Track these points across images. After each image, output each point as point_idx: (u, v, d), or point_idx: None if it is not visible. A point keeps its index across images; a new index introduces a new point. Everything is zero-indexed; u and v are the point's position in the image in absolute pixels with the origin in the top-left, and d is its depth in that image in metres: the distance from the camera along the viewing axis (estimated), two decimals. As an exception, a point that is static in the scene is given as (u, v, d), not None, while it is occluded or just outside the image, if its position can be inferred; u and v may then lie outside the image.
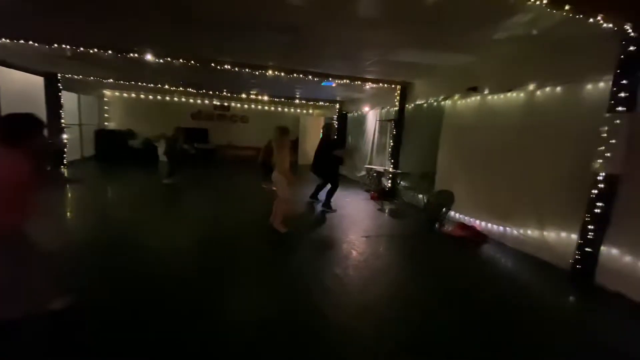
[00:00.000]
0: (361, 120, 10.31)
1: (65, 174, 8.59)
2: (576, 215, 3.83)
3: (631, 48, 3.24)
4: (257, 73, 6.35)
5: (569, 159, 4.01)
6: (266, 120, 13.59)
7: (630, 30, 3.18)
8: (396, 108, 7.68)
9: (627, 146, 3.31)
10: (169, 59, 5.88)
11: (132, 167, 10.49)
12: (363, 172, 9.30)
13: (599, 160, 3.49)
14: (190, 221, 5.27)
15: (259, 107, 14.06)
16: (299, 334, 2.48)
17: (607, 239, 3.54)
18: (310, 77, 6.59)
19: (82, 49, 5.68)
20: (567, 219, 3.99)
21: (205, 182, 9.17)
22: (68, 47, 5.59)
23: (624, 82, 3.30)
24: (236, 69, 6.07)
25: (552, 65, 4.28)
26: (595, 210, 3.54)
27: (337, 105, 11.74)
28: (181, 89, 10.01)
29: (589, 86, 3.82)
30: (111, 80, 9.34)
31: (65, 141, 9.60)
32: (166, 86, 9.89)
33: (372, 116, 9.46)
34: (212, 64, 5.95)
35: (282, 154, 4.50)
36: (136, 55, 5.87)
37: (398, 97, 7.54)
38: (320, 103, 11.88)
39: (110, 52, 5.74)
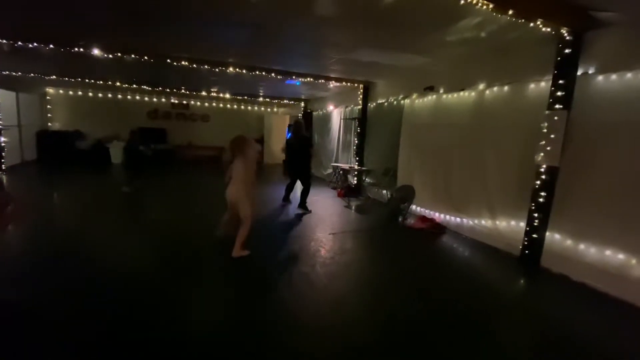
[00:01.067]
0: (326, 118, 10.39)
1: (4, 181, 7.75)
2: (523, 205, 4.16)
3: (567, 50, 3.57)
4: (217, 70, 6.16)
5: (515, 153, 4.33)
6: (229, 119, 13.30)
7: (566, 34, 3.50)
8: (359, 107, 7.84)
9: (564, 140, 3.64)
10: (119, 54, 5.52)
11: (80, 171, 9.69)
12: (329, 170, 9.39)
13: (540, 154, 3.80)
14: (144, 232, 4.96)
15: (221, 105, 13.67)
16: (265, 334, 2.46)
17: (550, 225, 3.88)
18: (273, 74, 6.51)
19: (20, 43, 5.17)
20: (516, 209, 4.32)
21: (162, 186, 8.74)
22: (4, 41, 5.06)
23: (561, 82, 3.63)
24: (194, 65, 5.83)
25: (499, 66, 4.60)
26: (539, 200, 3.86)
27: (302, 104, 11.73)
28: (134, 86, 9.42)
29: (532, 85, 4.16)
30: (54, 77, 8.58)
31: (2, 144, 8.68)
32: (117, 83, 9.25)
33: (336, 115, 9.57)
34: (168, 60, 5.67)
35: (247, 166, 3.77)
36: (81, 50, 5.45)
37: (361, 96, 7.70)
38: (285, 101, 11.80)
39: (51, 46, 5.27)
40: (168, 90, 10.03)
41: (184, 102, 13.12)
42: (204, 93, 10.40)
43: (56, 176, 8.91)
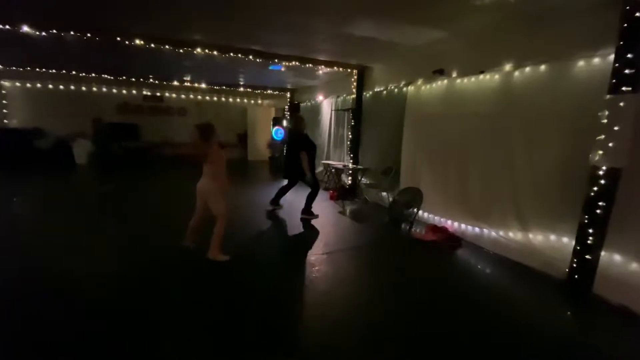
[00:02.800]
0: (315, 110, 9.35)
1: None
2: (567, 216, 3.31)
3: (638, 14, 2.65)
4: (181, 51, 5.05)
5: (556, 149, 3.44)
6: (209, 112, 12.06)
7: (637, -9, 2.59)
8: (353, 96, 6.85)
9: (634, 133, 2.75)
10: (54, 30, 4.36)
11: (37, 174, 8.50)
12: (320, 168, 8.40)
13: (598, 152, 2.91)
14: (107, 244, 3.94)
15: (199, 97, 12.44)
16: None
17: (608, 243, 3.02)
18: (251, 57, 5.44)
19: None
20: (556, 220, 3.46)
21: (133, 188, 7.62)
22: None
23: (629, 56, 2.71)
24: (151, 45, 4.71)
25: (532, 40, 3.68)
26: (596, 211, 2.98)
27: (288, 94, 10.66)
28: (93, 75, 8.16)
29: (581, 63, 3.24)
30: (5, 66, 7.27)
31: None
32: (73, 72, 7.99)
33: (327, 105, 8.55)
34: (118, 39, 4.54)
35: (213, 157, 3.34)
36: (7, 27, 4.28)
37: (355, 84, 6.70)
38: (269, 92, 10.70)
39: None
40: (134, 79, 8.79)
41: (158, 94, 11.84)
42: (176, 83, 9.15)
43: (7, 181, 7.68)
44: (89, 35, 4.48)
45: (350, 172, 6.91)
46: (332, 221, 5.27)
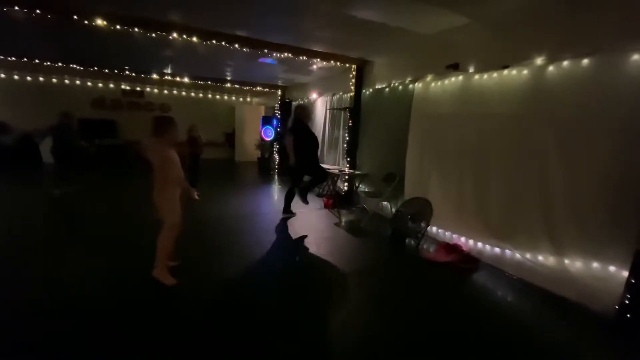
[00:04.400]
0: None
1: None
2: (616, 240, 2.75)
3: None
4: (154, 35, 4.30)
5: (603, 160, 2.85)
6: (194, 110, 11.25)
7: None
8: (351, 94, 6.20)
9: None
10: (-5, 4, 3.58)
11: (1, 173, 7.67)
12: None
13: (666, 164, 2.34)
14: (72, 256, 3.19)
15: (184, 92, 11.63)
16: None
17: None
18: (237, 45, 4.72)
19: None
20: (602, 244, 2.87)
21: (107, 192, 6.81)
22: None
23: None
24: (117, 27, 3.95)
25: (572, 28, 3.10)
26: (660, 237, 2.41)
27: (279, 92, 9.95)
28: (60, 64, 7.29)
29: (636, 57, 2.67)
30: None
31: None
32: (36, 60, 7.11)
33: (321, 104, 7.88)
34: (75, 17, 3.76)
35: (162, 159, 2.80)
36: None
37: (354, 80, 6.06)
38: (259, 88, 9.96)
39: None
40: (108, 71, 7.90)
41: (138, 88, 10.99)
42: (155, 76, 8.32)
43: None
44: (38, 12, 3.69)
45: (346, 177, 6.26)
46: (325, 235, 4.59)
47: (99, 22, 3.83)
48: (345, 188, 6.38)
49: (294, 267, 3.62)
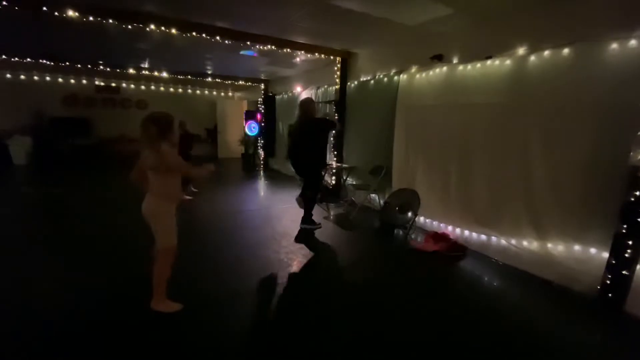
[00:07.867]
0: (292, 103, 8.55)
1: None
2: (596, 224, 2.87)
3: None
4: (129, 27, 4.11)
5: (582, 146, 2.96)
6: (173, 105, 10.87)
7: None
8: (336, 87, 6.17)
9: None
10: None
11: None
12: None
13: (642, 150, 2.45)
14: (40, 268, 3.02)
15: (162, 87, 11.26)
16: None
17: (647, 256, 2.58)
18: (218, 37, 4.58)
19: None
20: (583, 229, 3.00)
21: (79, 194, 6.51)
22: None
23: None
24: (90, 18, 3.75)
25: (552, 18, 3.18)
26: (637, 219, 2.52)
27: (262, 86, 9.78)
28: (29, 59, 6.88)
29: (614, 45, 2.75)
30: None
31: None
32: (3, 56, 6.68)
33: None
34: (45, 8, 3.53)
35: (165, 162, 2.31)
36: None
37: (338, 72, 6.02)
38: (241, 82, 9.75)
39: None
40: (80, 66, 7.52)
41: (113, 84, 10.54)
42: (132, 71, 7.98)
43: None
44: (5, 3, 3.44)
45: (334, 171, 6.25)
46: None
47: (70, 13, 3.61)
48: (333, 182, 6.37)
49: (282, 263, 3.59)
